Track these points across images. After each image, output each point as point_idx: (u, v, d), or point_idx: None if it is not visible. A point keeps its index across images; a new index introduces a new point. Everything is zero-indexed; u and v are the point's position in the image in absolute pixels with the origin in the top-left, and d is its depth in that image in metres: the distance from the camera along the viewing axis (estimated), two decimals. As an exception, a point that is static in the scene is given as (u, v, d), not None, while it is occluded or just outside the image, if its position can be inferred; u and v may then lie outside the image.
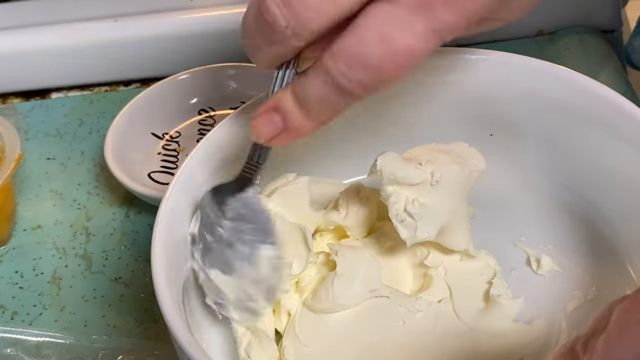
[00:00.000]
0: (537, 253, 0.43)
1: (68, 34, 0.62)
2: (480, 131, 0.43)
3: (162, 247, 0.36)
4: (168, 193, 0.38)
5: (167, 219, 0.37)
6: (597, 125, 0.39)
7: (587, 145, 0.40)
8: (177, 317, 0.33)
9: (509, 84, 0.41)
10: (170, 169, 0.55)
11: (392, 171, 0.37)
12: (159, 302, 0.34)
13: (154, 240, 0.36)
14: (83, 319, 0.47)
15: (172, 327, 0.33)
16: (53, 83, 0.64)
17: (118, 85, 0.64)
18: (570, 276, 0.42)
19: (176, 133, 0.57)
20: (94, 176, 0.56)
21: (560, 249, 0.43)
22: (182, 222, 0.38)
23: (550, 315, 0.41)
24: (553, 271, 0.42)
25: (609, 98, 0.39)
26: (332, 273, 0.39)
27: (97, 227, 0.52)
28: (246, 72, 0.58)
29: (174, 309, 0.33)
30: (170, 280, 0.35)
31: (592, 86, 0.39)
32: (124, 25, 0.62)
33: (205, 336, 0.39)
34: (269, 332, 0.39)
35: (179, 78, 0.58)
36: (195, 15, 0.62)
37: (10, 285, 0.49)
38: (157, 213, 0.37)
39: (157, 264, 0.35)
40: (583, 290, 0.41)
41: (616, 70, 0.58)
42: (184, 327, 0.33)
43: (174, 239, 0.37)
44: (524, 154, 0.43)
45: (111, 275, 0.49)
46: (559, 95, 0.40)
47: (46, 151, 0.58)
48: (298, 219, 0.40)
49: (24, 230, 0.53)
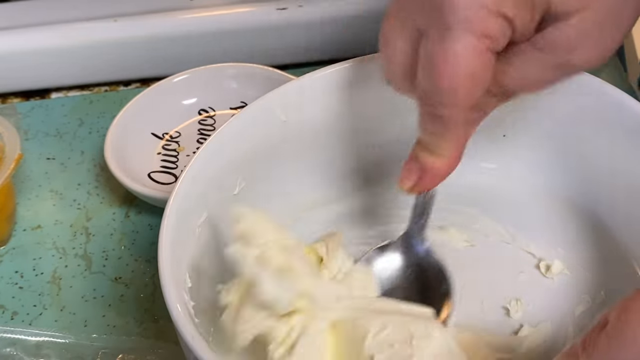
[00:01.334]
0: (547, 256, 0.43)
1: (68, 34, 0.62)
2: (494, 132, 0.43)
3: (170, 242, 0.36)
4: (179, 183, 0.38)
5: (175, 214, 0.37)
6: (609, 129, 0.39)
7: (598, 149, 0.40)
8: (181, 310, 0.33)
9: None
10: (170, 169, 0.55)
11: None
12: (165, 297, 0.34)
13: (161, 233, 0.36)
14: (83, 319, 0.47)
15: (177, 322, 0.33)
16: (53, 83, 0.64)
17: (118, 85, 0.64)
18: (579, 280, 0.42)
19: (176, 133, 0.57)
20: (94, 176, 0.56)
21: (570, 252, 0.43)
22: (189, 217, 0.39)
23: (558, 319, 0.41)
24: (562, 274, 0.42)
25: (622, 102, 0.39)
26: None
27: (97, 227, 0.52)
28: (246, 72, 0.58)
29: (179, 303, 0.34)
30: (176, 276, 0.35)
31: (605, 89, 0.39)
32: (124, 25, 0.62)
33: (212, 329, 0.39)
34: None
35: (179, 78, 0.58)
36: (195, 15, 0.62)
37: (10, 285, 0.49)
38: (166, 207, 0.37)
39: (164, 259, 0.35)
40: (591, 294, 0.41)
41: (616, 70, 0.58)
42: (189, 321, 0.33)
43: (182, 232, 0.37)
44: (535, 156, 0.43)
45: (111, 275, 0.49)
46: (572, 97, 0.40)
47: (46, 151, 0.58)
48: None
49: (24, 230, 0.53)
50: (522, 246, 0.44)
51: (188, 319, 0.34)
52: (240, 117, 0.41)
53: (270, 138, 0.43)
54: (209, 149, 0.40)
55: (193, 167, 0.39)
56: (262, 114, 0.42)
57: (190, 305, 0.36)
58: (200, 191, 0.39)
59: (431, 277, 0.40)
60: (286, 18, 0.62)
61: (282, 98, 0.43)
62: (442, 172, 0.36)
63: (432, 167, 0.35)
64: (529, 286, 0.42)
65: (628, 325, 0.27)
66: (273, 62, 0.60)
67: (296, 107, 0.43)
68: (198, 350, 0.32)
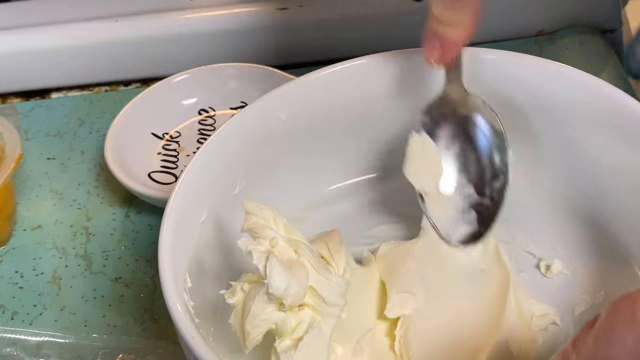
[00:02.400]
0: (547, 256, 0.43)
1: (68, 34, 0.62)
2: None
3: (170, 242, 0.36)
4: (179, 183, 0.38)
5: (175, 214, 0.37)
6: (608, 129, 0.39)
7: (598, 149, 0.40)
8: (182, 310, 0.33)
9: (522, 86, 0.41)
10: (170, 169, 0.55)
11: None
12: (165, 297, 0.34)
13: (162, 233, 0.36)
14: (83, 319, 0.47)
15: (177, 321, 0.33)
16: (53, 83, 0.64)
17: (118, 85, 0.64)
18: (579, 279, 0.42)
19: (176, 133, 0.57)
20: (94, 176, 0.56)
21: (570, 252, 0.43)
22: (190, 217, 0.39)
23: (558, 319, 0.40)
24: (562, 274, 0.42)
25: (622, 101, 0.39)
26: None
27: (97, 227, 0.52)
28: (246, 72, 0.58)
29: (179, 303, 0.34)
30: (176, 276, 0.35)
31: (605, 89, 0.39)
32: (124, 25, 0.62)
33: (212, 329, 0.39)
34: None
35: (179, 78, 0.58)
36: (195, 15, 0.62)
37: (10, 285, 0.49)
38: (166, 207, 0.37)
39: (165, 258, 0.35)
40: (591, 293, 0.41)
41: (616, 70, 0.58)
42: (189, 320, 0.33)
43: (182, 233, 0.37)
44: (535, 157, 0.43)
45: (111, 275, 0.49)
46: (571, 97, 0.40)
47: (46, 151, 0.58)
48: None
49: (24, 230, 0.53)
50: (522, 246, 0.44)
51: (188, 319, 0.34)
52: (240, 117, 0.41)
53: (269, 138, 0.43)
54: (208, 149, 0.40)
55: (193, 167, 0.39)
56: (261, 114, 0.42)
57: (190, 305, 0.36)
58: (200, 191, 0.39)
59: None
60: (286, 18, 0.62)
61: (281, 98, 0.43)
62: (463, 39, 0.38)
63: (452, 38, 0.38)
64: (529, 286, 0.42)
65: (615, 324, 0.27)
66: (273, 62, 0.60)
67: (296, 107, 0.43)
68: (198, 350, 0.32)
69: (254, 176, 0.43)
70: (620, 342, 0.27)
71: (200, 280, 0.39)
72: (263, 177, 0.44)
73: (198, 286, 0.38)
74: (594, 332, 0.28)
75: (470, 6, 0.37)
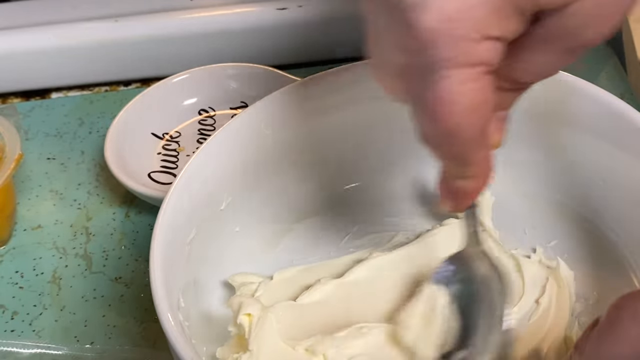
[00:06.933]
0: (538, 258, 0.43)
1: (68, 34, 0.62)
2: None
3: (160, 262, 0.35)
4: (169, 194, 0.37)
5: (167, 223, 0.37)
6: (605, 134, 0.39)
7: (590, 154, 0.40)
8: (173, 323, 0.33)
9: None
10: (170, 169, 0.55)
11: None
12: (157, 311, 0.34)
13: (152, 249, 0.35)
14: (83, 319, 0.47)
15: (169, 333, 0.33)
16: (53, 83, 0.64)
17: (118, 85, 0.64)
18: (577, 280, 0.42)
19: (176, 133, 0.57)
20: (94, 176, 0.56)
21: (569, 253, 0.43)
22: (182, 226, 0.38)
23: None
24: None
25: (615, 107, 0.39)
26: None
27: (97, 227, 0.52)
28: (246, 72, 0.58)
29: (171, 315, 0.34)
30: (169, 288, 0.35)
31: (598, 94, 0.39)
32: (124, 25, 0.62)
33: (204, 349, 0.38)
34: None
35: (179, 78, 0.58)
36: (195, 15, 0.62)
37: (10, 285, 0.49)
38: (157, 216, 0.36)
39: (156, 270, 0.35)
40: (584, 294, 0.41)
41: (616, 70, 0.58)
42: (181, 332, 0.33)
43: (174, 244, 0.37)
44: (527, 160, 0.43)
45: (111, 275, 0.49)
46: (567, 102, 0.40)
47: (46, 151, 0.58)
48: None
49: (24, 230, 0.53)
50: (514, 247, 0.44)
51: (188, 343, 0.33)
52: (224, 132, 0.40)
53: (255, 152, 0.42)
54: (194, 163, 0.39)
55: (180, 183, 0.38)
56: (246, 129, 0.41)
57: (185, 326, 0.36)
58: (187, 208, 0.38)
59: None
60: (286, 18, 0.62)
61: (265, 112, 0.41)
62: (477, 189, 0.34)
63: (464, 189, 0.33)
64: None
65: (619, 319, 0.27)
66: (273, 62, 0.60)
67: (280, 120, 0.42)
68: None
69: (239, 191, 0.42)
70: (624, 335, 0.27)
71: (193, 297, 0.38)
72: (249, 192, 0.43)
73: (190, 305, 0.38)
74: (598, 329, 0.28)
75: (479, 159, 0.32)
